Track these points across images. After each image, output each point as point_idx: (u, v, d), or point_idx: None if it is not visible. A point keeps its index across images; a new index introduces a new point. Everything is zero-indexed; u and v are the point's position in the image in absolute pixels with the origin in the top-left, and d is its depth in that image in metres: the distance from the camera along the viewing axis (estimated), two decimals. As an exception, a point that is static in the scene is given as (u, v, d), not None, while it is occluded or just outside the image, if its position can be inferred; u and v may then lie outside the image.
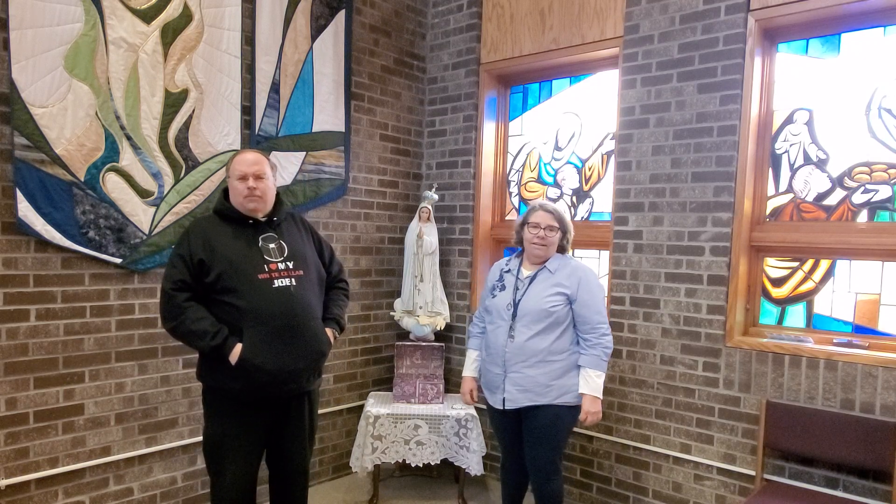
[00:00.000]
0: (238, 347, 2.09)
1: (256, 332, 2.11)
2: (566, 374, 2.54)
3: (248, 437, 2.22)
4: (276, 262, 2.21)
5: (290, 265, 2.23)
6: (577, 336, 2.58)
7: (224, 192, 2.31)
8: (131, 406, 2.79)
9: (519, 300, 2.59)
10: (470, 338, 2.86)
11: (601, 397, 2.53)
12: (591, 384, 2.50)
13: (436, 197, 3.70)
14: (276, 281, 2.17)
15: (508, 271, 2.71)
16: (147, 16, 2.69)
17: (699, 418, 2.92)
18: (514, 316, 2.58)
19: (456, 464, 3.31)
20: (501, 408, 2.61)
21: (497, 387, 2.61)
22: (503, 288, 2.67)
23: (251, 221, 2.25)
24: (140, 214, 2.74)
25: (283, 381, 2.17)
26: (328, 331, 2.37)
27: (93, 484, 2.69)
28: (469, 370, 2.82)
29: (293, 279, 2.21)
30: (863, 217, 2.65)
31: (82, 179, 2.56)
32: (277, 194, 2.36)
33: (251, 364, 2.10)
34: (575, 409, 2.56)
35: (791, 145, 2.83)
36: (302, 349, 2.19)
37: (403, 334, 3.77)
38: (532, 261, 2.66)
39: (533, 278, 2.61)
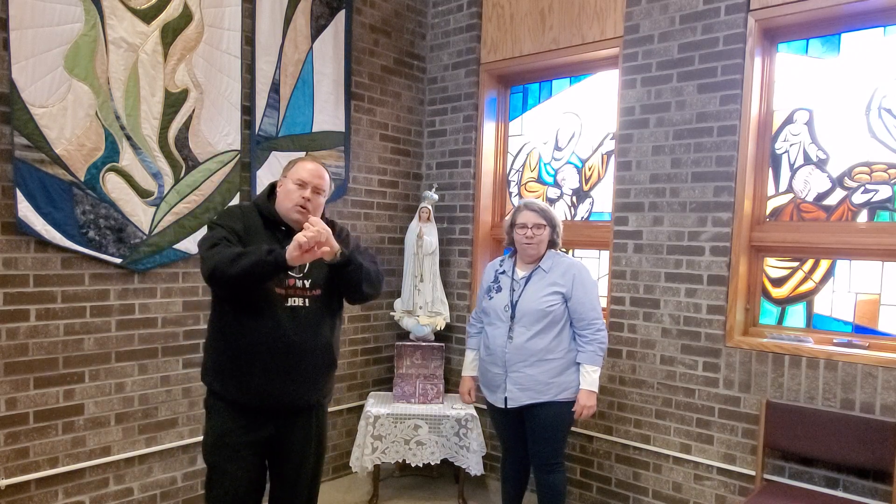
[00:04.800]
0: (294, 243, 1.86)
1: (256, 352, 2.02)
2: (565, 371, 2.58)
3: (250, 440, 2.11)
4: (295, 279, 2.07)
5: (308, 283, 2.08)
6: (573, 332, 2.62)
7: (271, 187, 2.19)
8: (131, 406, 2.79)
9: (516, 301, 2.62)
10: (468, 337, 2.89)
11: (596, 391, 2.59)
12: (587, 379, 2.57)
13: (436, 197, 3.70)
14: (290, 299, 2.05)
15: (503, 272, 2.74)
16: (147, 16, 2.69)
17: (699, 418, 2.91)
18: (512, 317, 2.61)
19: (456, 464, 3.31)
20: (503, 406, 2.65)
21: (498, 386, 2.66)
22: (499, 289, 2.71)
23: (283, 228, 2.11)
24: (140, 214, 2.74)
25: (282, 399, 2.09)
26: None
27: (93, 484, 2.69)
28: (468, 370, 2.87)
29: (307, 300, 2.08)
30: (863, 217, 2.65)
31: (82, 179, 2.56)
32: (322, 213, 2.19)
33: (247, 384, 2.03)
34: (574, 404, 2.59)
35: (791, 145, 2.83)
36: (301, 374, 2.09)
37: (403, 334, 3.76)
38: (526, 260, 2.70)
39: (528, 279, 2.64)
